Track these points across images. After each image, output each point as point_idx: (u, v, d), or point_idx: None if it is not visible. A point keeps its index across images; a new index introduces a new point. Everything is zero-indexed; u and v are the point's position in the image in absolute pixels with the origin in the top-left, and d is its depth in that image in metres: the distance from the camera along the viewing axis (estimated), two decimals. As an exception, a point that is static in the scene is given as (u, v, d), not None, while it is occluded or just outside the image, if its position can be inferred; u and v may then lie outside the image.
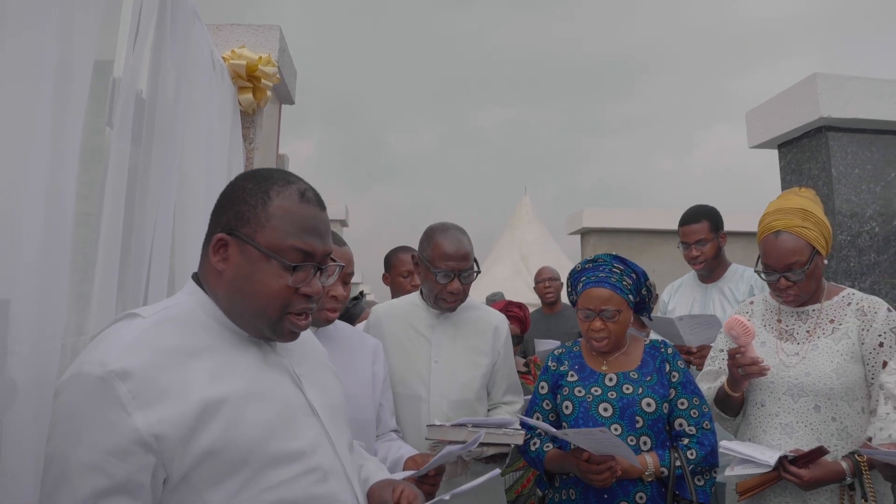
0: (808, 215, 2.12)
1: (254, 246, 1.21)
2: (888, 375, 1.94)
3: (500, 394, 2.49)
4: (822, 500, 2.02)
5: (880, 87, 2.98)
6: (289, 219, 1.23)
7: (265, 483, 1.14)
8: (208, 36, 2.09)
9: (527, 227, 14.42)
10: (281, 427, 1.20)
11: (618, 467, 2.01)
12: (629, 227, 7.78)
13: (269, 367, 1.28)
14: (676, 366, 2.21)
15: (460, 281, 2.32)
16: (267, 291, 1.21)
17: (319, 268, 1.26)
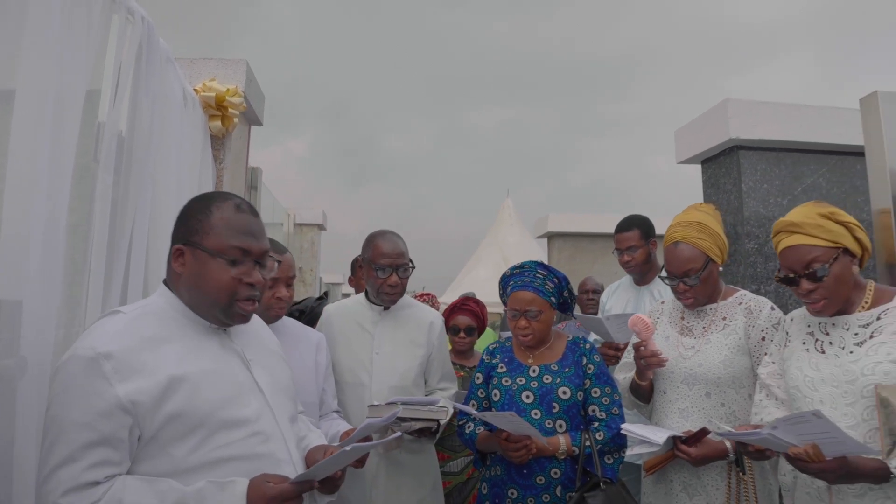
0: (703, 228, 2.39)
1: (202, 250, 1.54)
2: (763, 367, 2.21)
3: (435, 381, 2.86)
4: (713, 474, 2.29)
5: (786, 110, 3.31)
6: (227, 225, 1.56)
7: (217, 442, 1.47)
8: (180, 75, 2.42)
9: (509, 229, 14.69)
10: (231, 399, 1.52)
11: (532, 446, 2.31)
12: (591, 232, 8.08)
13: (225, 352, 1.61)
14: (592, 359, 2.51)
15: (398, 275, 2.70)
16: (216, 284, 1.54)
17: (258, 262, 1.60)
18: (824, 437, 1.68)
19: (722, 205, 3.39)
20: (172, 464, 1.43)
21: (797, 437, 1.72)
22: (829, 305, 1.98)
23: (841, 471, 1.72)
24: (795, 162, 3.38)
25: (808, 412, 1.64)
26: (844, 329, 1.99)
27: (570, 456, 2.39)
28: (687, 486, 2.34)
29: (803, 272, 1.96)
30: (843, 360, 1.93)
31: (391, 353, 2.74)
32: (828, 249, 1.94)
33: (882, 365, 1.85)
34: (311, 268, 8.91)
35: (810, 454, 1.71)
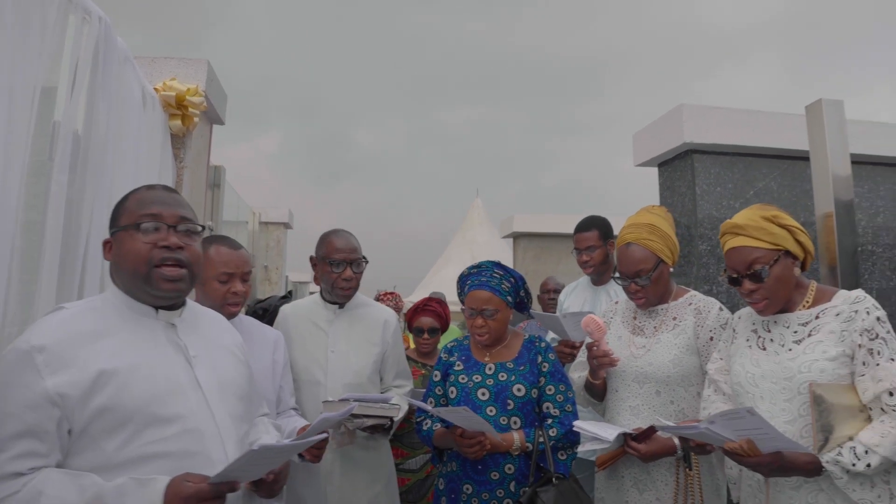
0: (654, 230, 2.44)
1: (119, 230, 1.58)
2: (711, 363, 2.28)
3: (390, 378, 2.91)
4: (662, 470, 2.36)
5: (739, 116, 3.40)
6: (137, 201, 1.61)
7: (147, 438, 1.46)
8: (139, 74, 2.43)
9: (478, 228, 14.77)
10: (163, 395, 1.51)
11: (486, 442, 2.35)
12: (556, 232, 8.17)
13: (166, 347, 1.60)
14: (547, 357, 2.56)
15: (352, 269, 2.75)
16: (132, 253, 1.55)
17: (173, 227, 1.59)
18: (758, 433, 1.74)
19: (677, 207, 3.47)
20: (103, 458, 1.43)
21: (733, 432, 1.78)
22: (770, 305, 2.05)
23: (775, 464, 1.79)
24: (748, 166, 3.48)
25: (743, 409, 1.70)
26: (785, 327, 2.06)
27: (523, 452, 2.43)
28: (637, 481, 2.40)
29: (745, 273, 2.03)
30: (782, 358, 2.00)
31: (346, 352, 2.77)
32: (769, 251, 2.01)
33: (818, 363, 1.91)
34: (277, 266, 8.88)
35: (745, 448, 1.77)
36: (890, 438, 1.77)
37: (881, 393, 1.83)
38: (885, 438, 1.78)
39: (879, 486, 1.82)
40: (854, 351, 1.90)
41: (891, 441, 1.77)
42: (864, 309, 1.93)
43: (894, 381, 1.81)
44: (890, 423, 1.80)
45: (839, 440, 1.84)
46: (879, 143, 3.79)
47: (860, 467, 1.77)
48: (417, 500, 3.54)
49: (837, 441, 1.84)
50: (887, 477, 1.82)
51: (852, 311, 1.94)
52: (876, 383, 1.84)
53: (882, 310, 1.95)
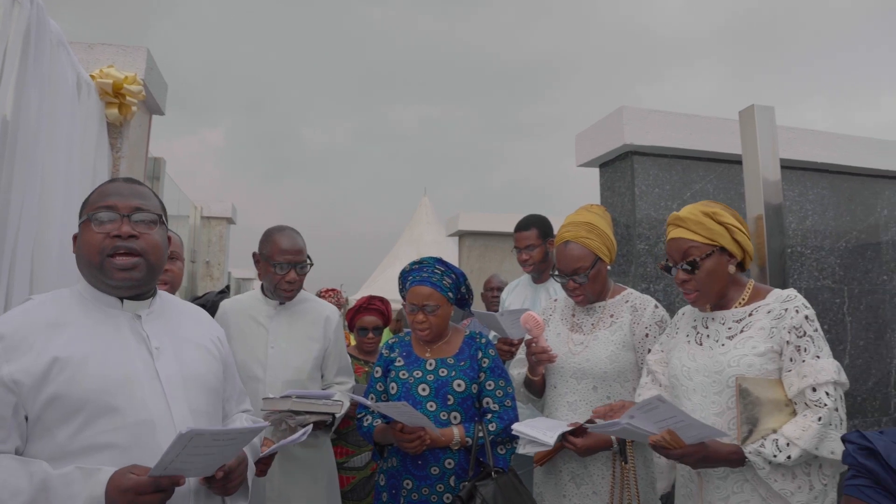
0: (593, 228, 2.48)
1: (80, 223, 1.60)
2: (652, 355, 2.34)
3: (332, 375, 2.88)
4: (598, 464, 2.40)
5: (677, 119, 3.50)
6: (98, 194, 1.63)
7: (99, 428, 1.46)
8: (74, 59, 2.35)
9: (425, 227, 14.78)
10: (116, 385, 1.50)
11: (426, 437, 2.36)
12: (500, 231, 8.26)
13: (129, 338, 1.60)
14: (487, 353, 2.59)
15: (296, 272, 2.70)
16: (87, 244, 1.58)
17: (127, 216, 1.59)
18: (675, 422, 1.79)
19: (616, 207, 3.55)
20: (55, 447, 1.44)
21: (654, 424, 1.82)
22: (700, 297, 2.12)
23: (699, 454, 1.85)
24: (685, 168, 3.57)
25: (654, 398, 1.74)
26: (721, 324, 2.12)
27: (463, 447, 2.45)
28: (575, 475, 2.43)
29: (679, 262, 2.11)
30: (715, 352, 2.06)
31: (286, 348, 2.74)
32: (703, 245, 2.08)
33: (747, 358, 1.98)
34: (220, 262, 8.72)
35: (667, 440, 1.82)
36: (810, 432, 1.83)
37: (805, 388, 1.90)
38: (806, 432, 1.84)
39: (801, 478, 1.88)
40: (782, 347, 1.97)
41: (810, 435, 1.83)
42: (793, 307, 2.00)
43: (818, 377, 1.88)
44: (811, 418, 1.86)
45: (763, 432, 1.91)
46: (809, 149, 3.94)
47: (781, 459, 1.84)
48: (363, 498, 3.53)
49: (762, 433, 1.91)
50: (808, 469, 1.89)
51: (783, 309, 2.01)
52: (801, 379, 1.91)
53: (811, 309, 2.02)
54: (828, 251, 4.01)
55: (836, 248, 4.05)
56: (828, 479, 1.91)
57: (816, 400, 1.87)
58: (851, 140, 4.17)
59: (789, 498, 1.87)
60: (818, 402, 1.87)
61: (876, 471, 1.24)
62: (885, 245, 4.24)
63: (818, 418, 1.84)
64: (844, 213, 4.13)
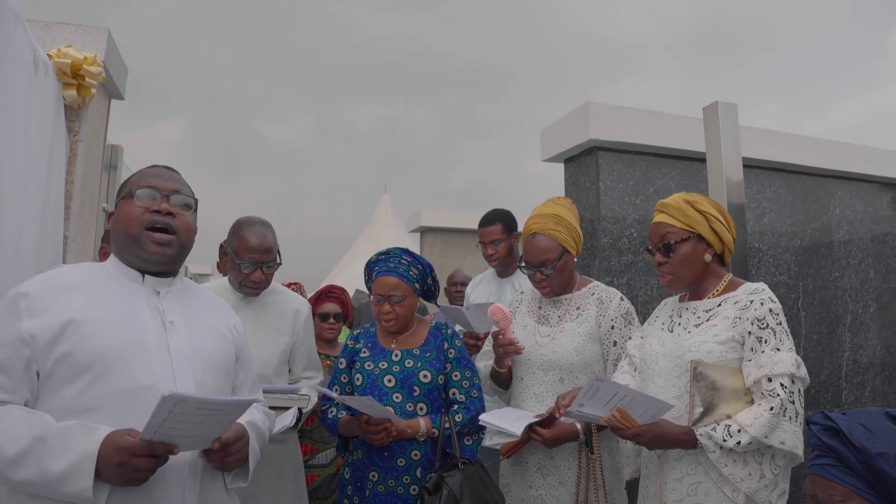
0: (560, 220, 2.50)
1: (119, 199, 1.72)
2: (631, 341, 2.38)
3: (300, 369, 2.83)
4: (565, 455, 2.42)
5: (642, 116, 3.54)
6: (139, 176, 1.74)
7: (103, 389, 1.51)
8: (32, 36, 2.26)
9: (385, 225, 14.71)
10: (126, 350, 1.55)
11: (392, 428, 2.34)
12: (463, 227, 8.27)
13: (145, 310, 1.66)
14: (454, 344, 2.58)
15: (262, 271, 2.63)
16: (126, 217, 1.67)
17: (166, 196, 1.71)
18: (621, 400, 1.84)
19: (581, 202, 3.58)
20: (62, 404, 1.49)
21: (603, 406, 1.88)
22: (674, 281, 2.18)
23: (651, 433, 1.90)
24: (648, 164, 3.62)
25: (591, 380, 1.82)
26: (692, 313, 2.17)
27: (430, 438, 2.44)
28: (541, 466, 2.45)
29: (657, 245, 2.17)
30: (681, 339, 2.11)
31: (253, 341, 2.61)
32: (680, 231, 2.14)
33: (707, 344, 2.03)
34: (177, 257, 8.51)
35: (618, 418, 1.87)
36: (761, 421, 1.87)
37: (761, 378, 1.94)
38: (757, 420, 1.88)
39: (752, 465, 1.93)
40: (744, 337, 2.01)
41: (761, 423, 1.87)
42: (759, 300, 2.04)
43: (774, 368, 1.92)
44: (764, 407, 1.90)
45: (718, 417, 1.95)
46: (767, 148, 4.04)
47: (730, 444, 1.88)
48: (329, 496, 3.48)
49: (716, 417, 1.95)
50: (760, 458, 1.93)
51: (748, 301, 2.05)
52: (758, 369, 1.96)
53: (778, 303, 2.05)
54: (783, 248, 4.11)
55: (791, 246, 4.15)
56: (779, 470, 1.94)
57: (771, 390, 1.91)
58: (807, 141, 4.29)
59: (738, 484, 1.91)
60: (772, 392, 1.91)
61: (839, 450, 1.28)
62: (836, 243, 4.37)
63: (770, 408, 1.88)
64: (799, 212, 4.24)
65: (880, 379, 4.37)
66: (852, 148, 4.47)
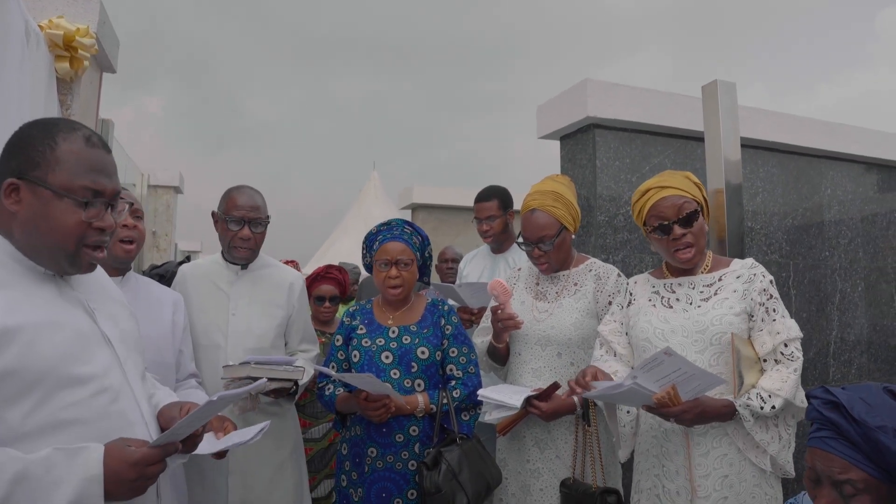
0: (558, 197, 2.51)
1: (45, 187, 1.35)
2: (604, 326, 2.37)
3: (296, 342, 2.82)
4: (562, 429, 2.44)
5: (640, 94, 3.53)
6: (77, 161, 1.38)
7: (59, 403, 1.29)
8: (23, 6, 2.22)
9: (374, 202, 14.66)
10: (74, 353, 1.35)
11: (391, 404, 2.35)
12: (455, 204, 8.26)
13: (65, 301, 1.42)
14: (451, 320, 2.57)
15: (250, 229, 2.62)
16: (62, 228, 1.36)
17: (110, 204, 1.43)
18: (678, 376, 1.83)
19: (577, 179, 3.57)
20: (6, 431, 1.24)
21: (655, 382, 1.86)
22: (696, 253, 2.19)
23: (696, 410, 1.92)
24: (644, 143, 3.62)
25: (660, 352, 1.79)
26: (690, 288, 2.21)
27: (427, 414, 2.45)
28: (538, 441, 2.47)
29: (676, 217, 2.15)
30: (693, 314, 2.14)
31: (248, 314, 2.66)
32: (692, 201, 2.17)
33: (727, 317, 2.09)
34: (167, 232, 8.46)
35: (671, 396, 1.87)
36: (790, 383, 1.98)
37: (778, 344, 2.03)
38: (786, 383, 1.98)
39: (772, 429, 2.01)
40: (753, 309, 2.10)
41: (790, 385, 1.97)
42: (760, 273, 2.15)
43: (789, 333, 2.04)
44: (787, 370, 2.01)
45: (747, 388, 2.01)
46: (760, 128, 4.04)
47: (767, 410, 1.95)
48: (321, 470, 3.51)
49: (747, 388, 2.01)
50: (776, 421, 2.01)
51: (751, 275, 2.15)
52: (774, 336, 2.05)
53: (771, 276, 2.17)
54: (776, 228, 4.13)
55: (783, 225, 4.18)
56: (790, 429, 2.04)
57: (789, 354, 2.03)
58: (799, 121, 4.29)
59: (767, 447, 1.99)
60: (790, 355, 2.03)
61: (839, 423, 1.31)
62: (827, 223, 4.40)
63: (794, 370, 2.00)
64: (792, 192, 4.26)
65: (866, 356, 4.43)
66: (843, 128, 4.49)
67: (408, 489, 2.39)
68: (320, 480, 3.51)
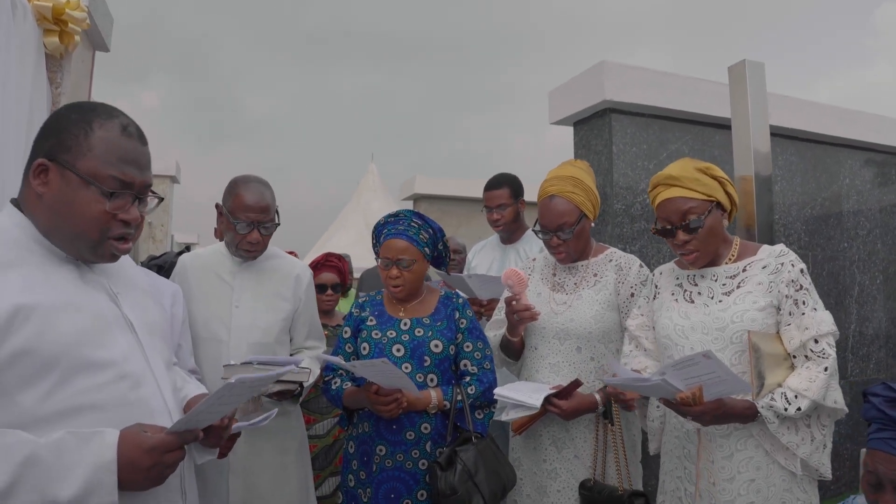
0: (578, 183, 2.39)
1: (74, 172, 1.30)
2: (632, 320, 2.28)
3: (301, 338, 2.67)
4: (581, 427, 2.34)
5: (657, 77, 3.41)
6: (109, 149, 1.33)
7: (76, 387, 1.24)
8: (8, -24, 2.07)
9: (372, 195, 14.62)
10: (93, 335, 1.30)
11: (403, 399, 2.22)
12: (458, 196, 8.15)
13: (85, 284, 1.37)
14: (465, 314, 2.45)
15: (259, 232, 2.45)
16: (86, 215, 1.31)
17: (138, 197, 1.38)
18: (708, 378, 1.73)
19: (592, 166, 3.45)
20: (21, 414, 1.19)
21: (683, 381, 1.76)
22: (701, 257, 2.07)
23: (717, 411, 1.80)
24: (662, 128, 3.50)
25: (698, 354, 1.68)
26: (713, 280, 2.09)
27: (440, 411, 2.33)
28: (556, 439, 2.38)
29: (679, 223, 2.02)
30: (713, 309, 2.03)
31: (252, 307, 2.51)
32: (702, 202, 2.02)
33: (749, 313, 1.96)
34: (163, 223, 8.30)
35: (696, 396, 1.76)
36: (818, 383, 1.84)
37: (807, 340, 1.90)
38: (813, 383, 1.84)
39: (803, 430, 1.89)
40: (780, 301, 1.96)
41: (818, 385, 1.84)
42: (788, 262, 2.00)
43: (819, 328, 1.89)
44: (816, 369, 1.87)
45: (770, 387, 1.89)
46: (778, 114, 3.91)
47: (791, 411, 1.83)
48: (325, 467, 3.40)
49: (769, 388, 1.89)
50: (808, 421, 1.89)
51: (778, 264, 2.00)
52: (802, 331, 1.91)
53: (803, 263, 2.01)
54: (794, 218, 4.02)
55: (801, 216, 4.07)
56: (826, 430, 1.92)
57: (820, 351, 1.89)
58: (817, 107, 4.18)
59: (795, 450, 1.87)
60: (822, 353, 1.88)
61: None
62: (846, 214, 4.29)
63: (824, 368, 1.86)
64: (810, 181, 4.14)
65: (885, 351, 4.32)
66: (862, 116, 4.37)
67: (418, 490, 2.28)
68: (325, 478, 3.42)
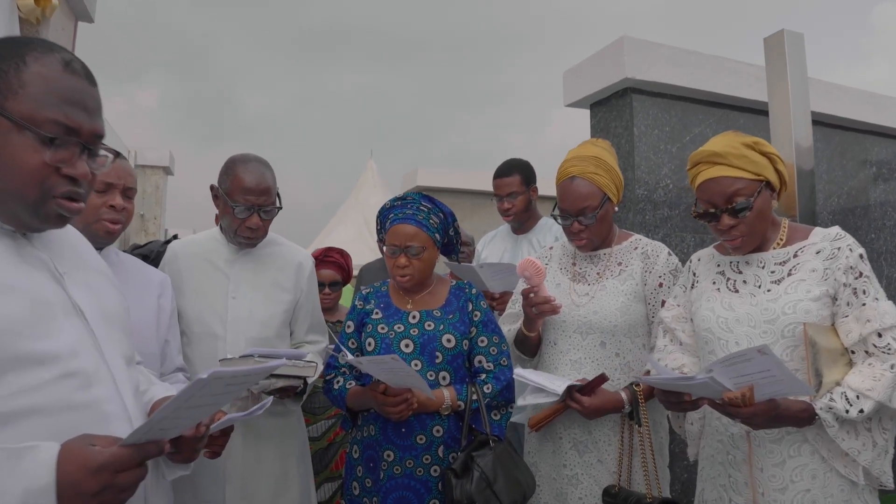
0: (601, 163, 2.20)
1: (3, 115, 1.08)
2: (666, 311, 2.09)
3: (302, 332, 2.47)
4: (605, 429, 2.16)
5: (681, 55, 3.21)
6: (48, 88, 1.10)
7: (12, 387, 1.03)
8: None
9: (371, 190, 14.54)
10: (31, 325, 1.08)
11: (413, 400, 2.03)
12: (462, 188, 8.01)
13: (23, 261, 1.14)
14: (479, 305, 2.26)
15: (260, 216, 2.25)
16: (21, 168, 1.09)
17: (87, 148, 1.14)
18: (762, 377, 1.52)
19: (612, 149, 3.28)
20: None
21: (731, 379, 1.56)
22: (747, 242, 1.86)
23: (771, 413, 1.59)
24: (684, 110, 3.31)
25: (752, 349, 1.48)
26: (760, 267, 1.88)
27: (454, 412, 2.14)
28: (577, 442, 2.20)
29: (725, 206, 1.81)
30: (761, 299, 1.82)
31: (250, 298, 2.31)
32: (751, 182, 1.81)
33: (802, 303, 1.76)
34: (156, 215, 8.08)
35: (747, 397, 1.55)
36: (883, 382, 1.64)
37: (869, 334, 1.70)
38: (878, 382, 1.64)
39: (863, 435, 1.69)
40: (837, 290, 1.77)
41: (884, 385, 1.63)
42: (846, 246, 1.80)
43: (883, 321, 1.69)
44: (880, 367, 1.67)
45: (828, 386, 1.69)
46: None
47: (853, 414, 1.63)
48: (319, 472, 3.21)
49: (827, 387, 1.69)
50: (869, 424, 1.70)
51: (835, 249, 1.80)
52: (863, 324, 1.71)
53: (862, 248, 1.81)
54: (821, 207, 3.83)
55: (827, 205, 3.88)
56: (888, 433, 1.71)
57: (884, 346, 1.68)
58: (845, 91, 3.99)
59: (857, 457, 1.67)
60: (886, 348, 1.68)
61: None
62: (873, 204, 4.10)
63: (890, 366, 1.65)
64: (837, 168, 3.96)
65: (913, 349, 4.12)
66: (891, 101, 4.17)
67: (430, 499, 2.10)
68: (320, 483, 3.26)
